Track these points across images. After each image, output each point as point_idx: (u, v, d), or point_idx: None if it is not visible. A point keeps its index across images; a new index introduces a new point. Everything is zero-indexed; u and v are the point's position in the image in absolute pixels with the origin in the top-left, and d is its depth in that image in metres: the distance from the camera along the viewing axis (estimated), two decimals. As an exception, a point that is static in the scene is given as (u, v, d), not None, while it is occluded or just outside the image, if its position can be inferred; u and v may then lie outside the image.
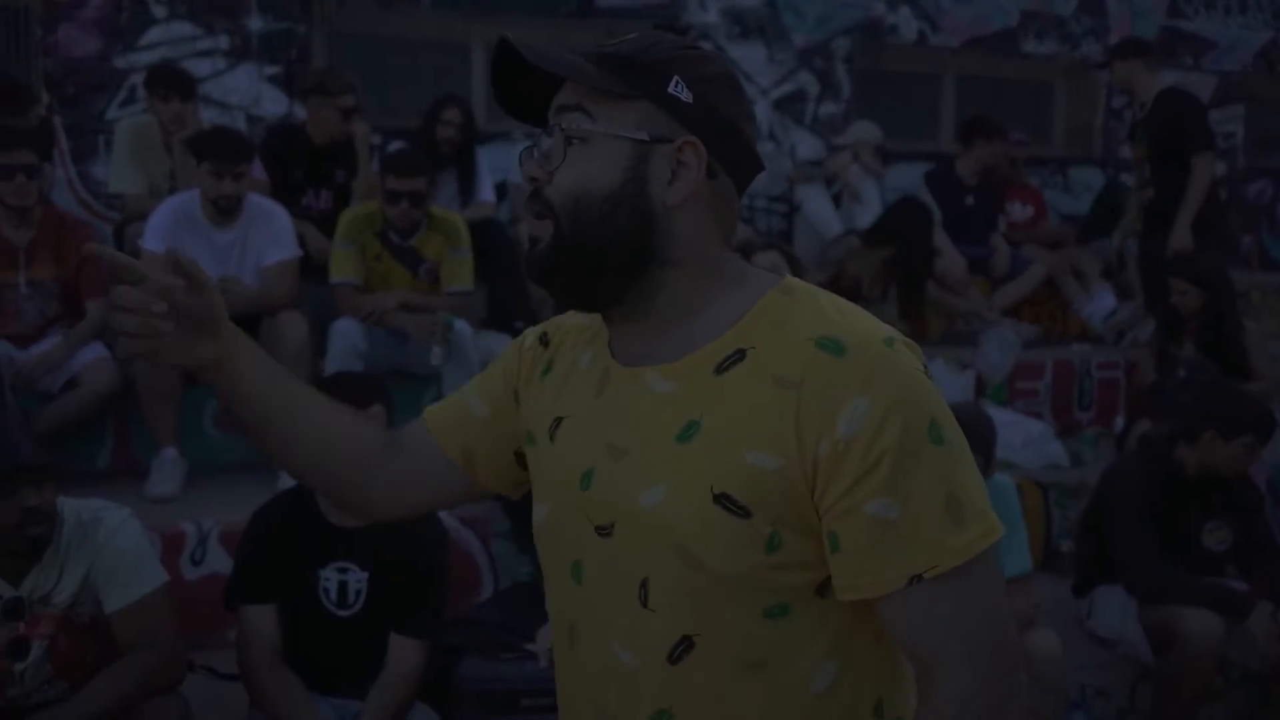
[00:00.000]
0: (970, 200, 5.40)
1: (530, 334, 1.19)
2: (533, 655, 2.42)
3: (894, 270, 4.65)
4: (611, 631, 1.02)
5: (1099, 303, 5.38)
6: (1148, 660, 3.10)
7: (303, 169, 4.35)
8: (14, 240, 3.55)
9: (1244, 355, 4.10)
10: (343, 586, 2.41)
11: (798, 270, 4.28)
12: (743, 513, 0.94)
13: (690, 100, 0.99)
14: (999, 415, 3.73)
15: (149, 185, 4.17)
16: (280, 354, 3.51)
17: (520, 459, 1.17)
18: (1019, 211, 5.78)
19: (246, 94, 5.16)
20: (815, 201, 5.46)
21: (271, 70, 5.21)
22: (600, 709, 1.05)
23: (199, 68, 5.03)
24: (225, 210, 3.56)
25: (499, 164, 5.08)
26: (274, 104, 5.20)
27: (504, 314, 4.52)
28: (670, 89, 0.99)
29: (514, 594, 3.16)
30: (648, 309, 1.02)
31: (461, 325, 3.72)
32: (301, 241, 3.75)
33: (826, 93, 6.14)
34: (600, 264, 0.99)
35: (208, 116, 4.88)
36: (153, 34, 5.02)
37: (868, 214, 5.22)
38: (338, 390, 2.42)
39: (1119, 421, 4.73)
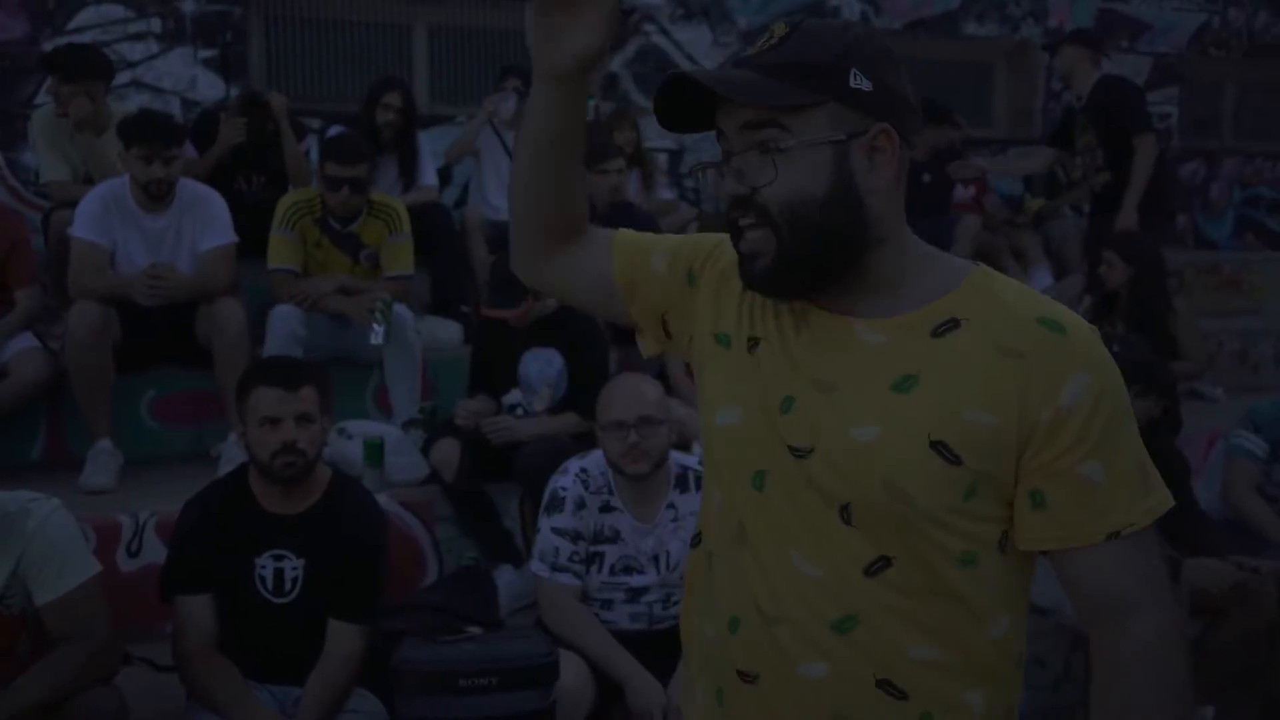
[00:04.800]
0: (926, 177, 5.47)
1: (731, 246, 1.17)
2: (472, 637, 2.42)
3: None
4: (791, 542, 1.10)
5: (1036, 282, 5.48)
6: (1082, 628, 3.17)
7: (233, 155, 4.29)
8: (-62, 229, 3.46)
9: (1167, 332, 4.22)
10: (279, 574, 2.39)
11: None
12: (955, 460, 1.05)
13: (871, 89, 1.05)
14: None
15: (71, 172, 4.08)
16: (218, 341, 3.47)
17: (664, 323, 1.25)
18: (961, 192, 5.86)
19: (181, 78, 5.06)
20: None
21: (207, 54, 5.11)
22: (759, 608, 1.12)
23: (131, 51, 4.93)
24: (156, 195, 3.49)
25: (441, 148, 5.04)
26: (211, 88, 5.11)
27: (447, 298, 4.50)
28: (852, 84, 1.05)
29: (458, 577, 3.16)
30: (855, 284, 1.10)
31: (401, 309, 3.69)
32: (237, 228, 3.68)
33: (771, 75, 6.16)
34: (825, 262, 1.07)
35: (140, 101, 4.78)
36: (83, 17, 4.90)
37: None
38: (266, 374, 2.41)
39: (1056, 397, 4.82)
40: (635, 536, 2.62)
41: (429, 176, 4.64)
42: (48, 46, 4.77)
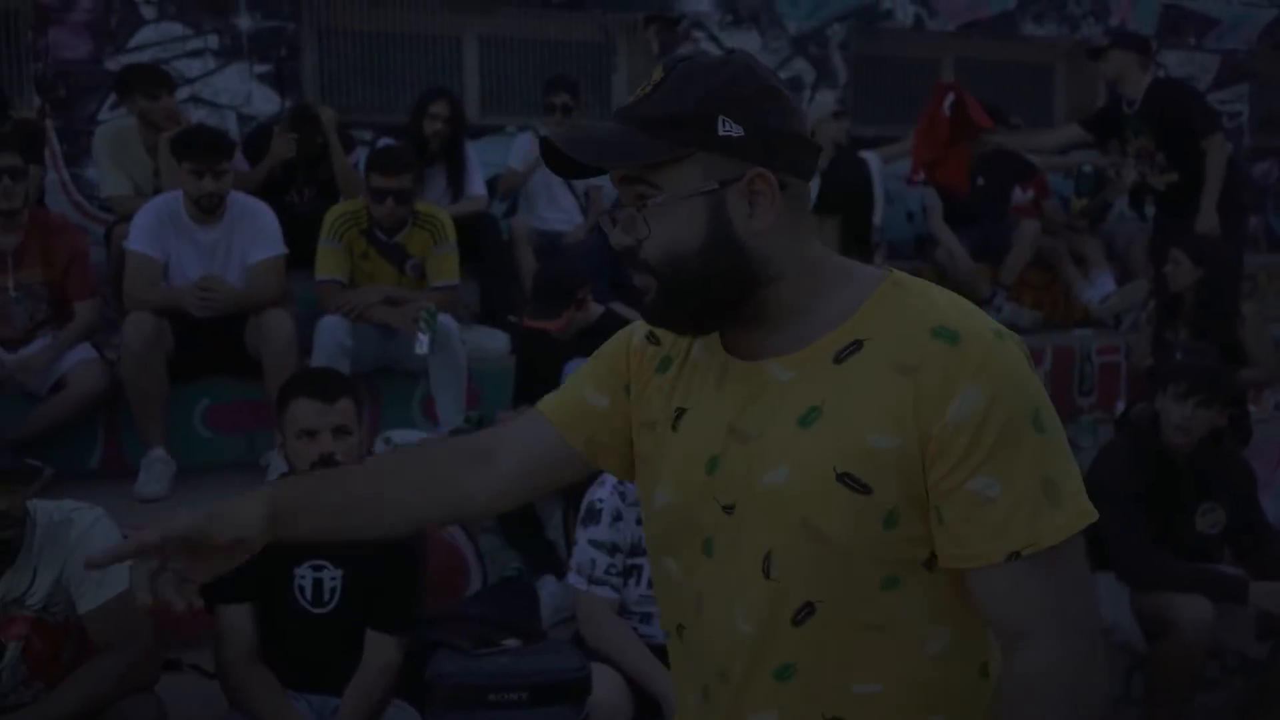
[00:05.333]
0: (980, 181, 5.36)
1: (636, 331, 1.24)
2: (506, 650, 2.41)
3: (845, 237, 4.61)
4: (736, 601, 1.10)
5: (1098, 286, 5.33)
6: (1141, 648, 3.06)
7: (284, 168, 4.35)
8: (1, 244, 3.56)
9: (1234, 338, 4.06)
10: (318, 584, 2.40)
11: None
12: (864, 489, 1.02)
13: (742, 133, 1.02)
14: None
15: (133, 187, 4.18)
16: (267, 352, 3.52)
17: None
18: (1019, 196, 5.72)
19: (237, 93, 5.16)
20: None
21: (262, 69, 5.21)
22: (720, 671, 1.13)
23: (189, 68, 5.04)
24: (208, 209, 3.56)
25: (492, 158, 5.06)
26: (266, 103, 5.20)
27: (496, 308, 4.52)
28: (721, 131, 1.02)
29: (501, 589, 3.15)
30: (760, 319, 1.09)
31: (446, 319, 3.70)
32: (287, 240, 3.74)
33: (823, 80, 6.09)
34: (709, 303, 1.07)
35: (198, 116, 4.89)
36: (143, 35, 5.02)
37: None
38: (303, 386, 2.43)
39: (1120, 406, 4.68)
40: (674, 549, 2.59)
41: (477, 186, 4.66)
42: (110, 65, 4.90)
